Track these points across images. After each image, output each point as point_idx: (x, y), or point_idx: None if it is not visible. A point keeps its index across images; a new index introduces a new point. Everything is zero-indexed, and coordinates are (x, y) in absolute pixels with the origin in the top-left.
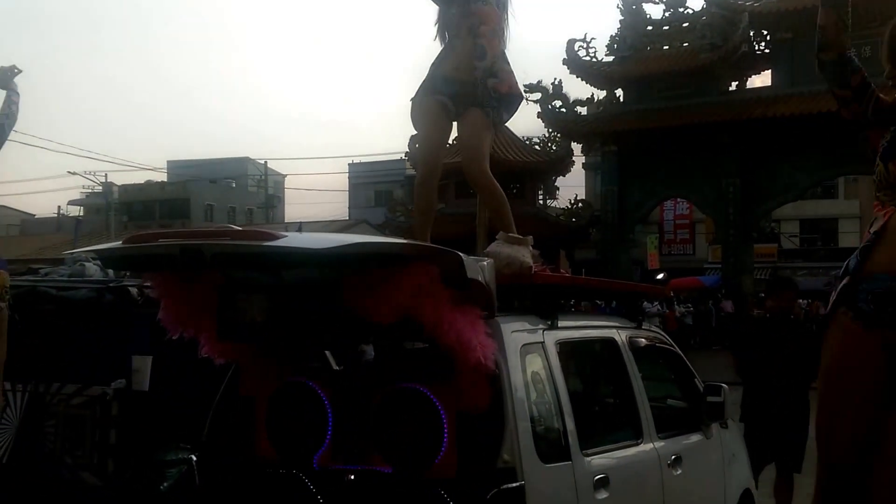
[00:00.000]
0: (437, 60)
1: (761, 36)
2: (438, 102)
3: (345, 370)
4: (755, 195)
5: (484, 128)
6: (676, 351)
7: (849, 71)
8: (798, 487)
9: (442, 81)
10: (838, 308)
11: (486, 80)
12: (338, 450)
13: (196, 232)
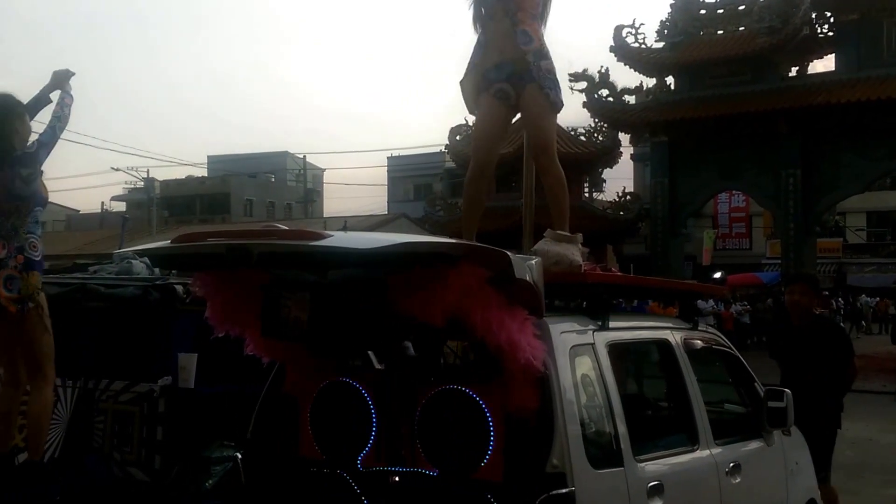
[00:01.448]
0: (478, 48)
1: (824, 18)
2: (497, 91)
3: (389, 370)
4: (817, 187)
5: (547, 107)
6: (734, 353)
7: None
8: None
9: (493, 70)
10: None
11: (539, 62)
12: (382, 450)
13: (243, 231)
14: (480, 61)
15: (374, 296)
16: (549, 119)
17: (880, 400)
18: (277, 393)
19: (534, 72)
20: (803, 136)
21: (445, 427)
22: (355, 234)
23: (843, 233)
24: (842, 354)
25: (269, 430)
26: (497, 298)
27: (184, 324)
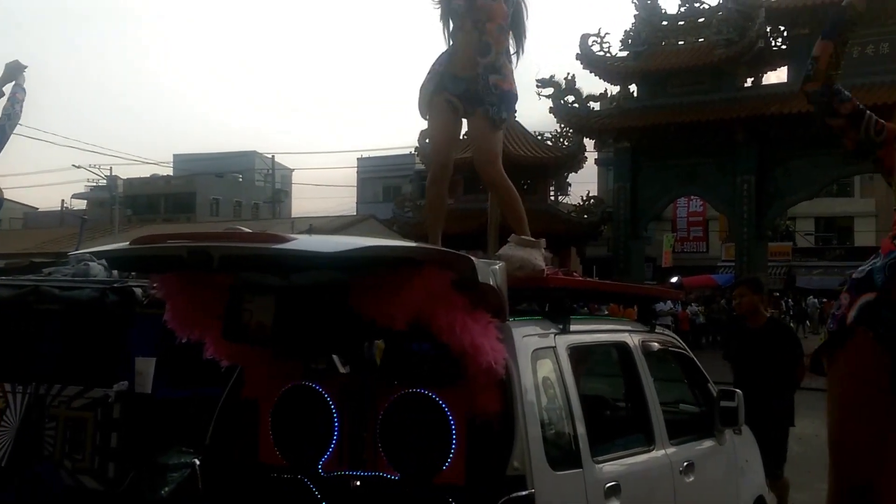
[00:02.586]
0: (446, 55)
1: (778, 31)
2: (446, 101)
3: (353, 374)
4: (770, 193)
5: (490, 129)
6: (689, 354)
7: (837, 101)
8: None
9: (451, 80)
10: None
11: (487, 76)
12: (344, 455)
13: (204, 234)
14: (444, 60)
15: (337, 299)
16: (492, 138)
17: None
18: (238, 397)
19: (481, 88)
20: (758, 144)
21: (408, 431)
22: (319, 237)
23: (792, 237)
24: (793, 356)
25: (229, 436)
26: (461, 302)
27: (142, 327)
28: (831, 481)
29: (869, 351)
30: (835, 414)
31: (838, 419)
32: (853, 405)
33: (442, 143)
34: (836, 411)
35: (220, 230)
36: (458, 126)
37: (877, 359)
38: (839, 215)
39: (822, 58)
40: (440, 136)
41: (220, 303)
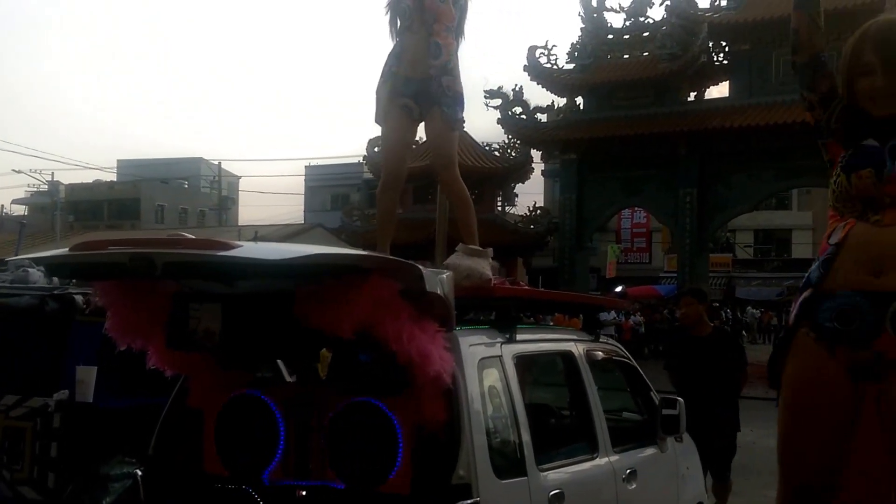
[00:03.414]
0: (393, 56)
1: (720, 47)
2: (402, 106)
3: (298, 383)
4: (711, 205)
5: (448, 129)
6: (632, 363)
7: (819, 75)
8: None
9: (403, 82)
10: (800, 324)
11: (440, 77)
12: (290, 464)
13: (147, 240)
14: (393, 62)
15: (284, 308)
16: (449, 139)
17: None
18: (181, 407)
19: (435, 90)
20: (700, 157)
21: (354, 440)
22: (265, 244)
23: (732, 249)
24: (738, 364)
25: (173, 446)
26: (408, 311)
27: (83, 335)
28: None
29: (813, 353)
30: (784, 420)
31: (787, 425)
32: (801, 410)
33: (396, 150)
34: (785, 417)
35: (164, 236)
36: (413, 132)
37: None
38: (777, 228)
39: (802, 28)
40: (395, 143)
41: (163, 311)
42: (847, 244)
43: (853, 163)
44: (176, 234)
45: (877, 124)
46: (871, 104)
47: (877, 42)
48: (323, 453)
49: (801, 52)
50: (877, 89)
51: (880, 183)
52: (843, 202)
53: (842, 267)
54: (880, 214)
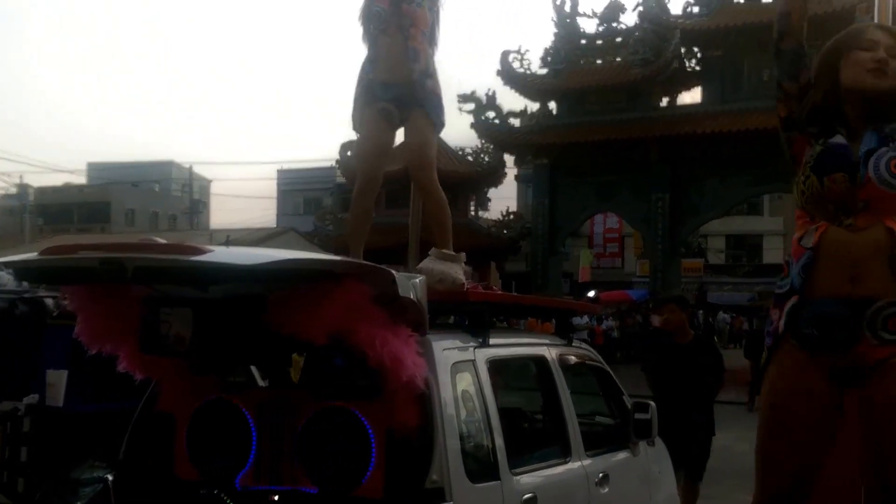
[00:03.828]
0: (368, 63)
1: (692, 53)
2: (381, 111)
3: (271, 387)
4: (683, 211)
5: (431, 131)
6: (605, 367)
7: (801, 65)
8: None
9: (380, 87)
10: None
11: (423, 81)
12: (262, 470)
13: (118, 244)
14: (371, 77)
15: (257, 313)
16: (431, 141)
17: (735, 410)
18: (153, 411)
19: (419, 93)
20: (672, 162)
21: (327, 445)
22: (237, 249)
23: (704, 254)
24: (715, 370)
25: (144, 450)
26: (381, 316)
27: (53, 339)
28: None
29: (796, 360)
30: (765, 425)
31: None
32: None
33: (373, 155)
34: (767, 422)
35: (135, 241)
36: (391, 137)
37: (802, 366)
38: (749, 233)
39: (794, 11)
40: (372, 148)
41: (133, 315)
42: (823, 250)
43: (824, 164)
44: (147, 238)
45: (843, 119)
46: (867, 75)
47: (884, 28)
48: (295, 458)
49: (787, 38)
50: (878, 60)
51: (854, 188)
52: (814, 204)
53: (819, 273)
54: (853, 218)
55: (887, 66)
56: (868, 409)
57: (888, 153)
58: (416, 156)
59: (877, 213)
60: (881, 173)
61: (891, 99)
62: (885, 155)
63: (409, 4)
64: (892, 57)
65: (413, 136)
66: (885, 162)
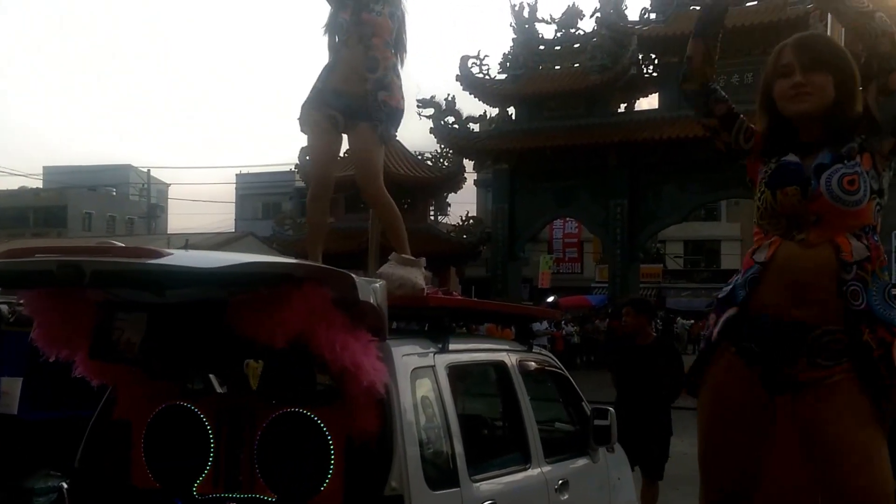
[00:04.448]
0: (326, 70)
1: (649, 59)
2: (327, 116)
3: (229, 393)
4: (642, 216)
5: (375, 144)
6: (564, 374)
7: (712, 101)
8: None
9: (332, 94)
10: (722, 341)
11: (376, 92)
12: (220, 477)
13: (75, 248)
14: (326, 74)
15: (215, 317)
16: (374, 155)
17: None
18: (109, 418)
19: (369, 105)
20: (630, 168)
21: (285, 451)
22: (196, 252)
23: (663, 259)
24: (674, 373)
25: (100, 458)
26: (341, 320)
27: (8, 346)
28: (702, 496)
29: (731, 365)
30: (703, 429)
31: (707, 434)
32: (720, 419)
33: (322, 159)
34: (705, 426)
35: (93, 244)
36: (338, 142)
37: (739, 372)
38: (706, 239)
39: (696, 57)
40: (320, 153)
41: (91, 320)
42: (773, 264)
43: (777, 179)
44: (105, 241)
45: (796, 140)
46: (789, 103)
47: (796, 46)
48: (253, 465)
49: (690, 80)
50: (794, 85)
51: (805, 201)
52: (769, 219)
53: (767, 289)
54: (805, 233)
55: (805, 88)
56: (799, 422)
57: (842, 170)
58: (360, 170)
59: (828, 229)
60: (833, 188)
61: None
62: (838, 171)
63: (368, 13)
64: (810, 71)
65: (356, 151)
66: (837, 178)
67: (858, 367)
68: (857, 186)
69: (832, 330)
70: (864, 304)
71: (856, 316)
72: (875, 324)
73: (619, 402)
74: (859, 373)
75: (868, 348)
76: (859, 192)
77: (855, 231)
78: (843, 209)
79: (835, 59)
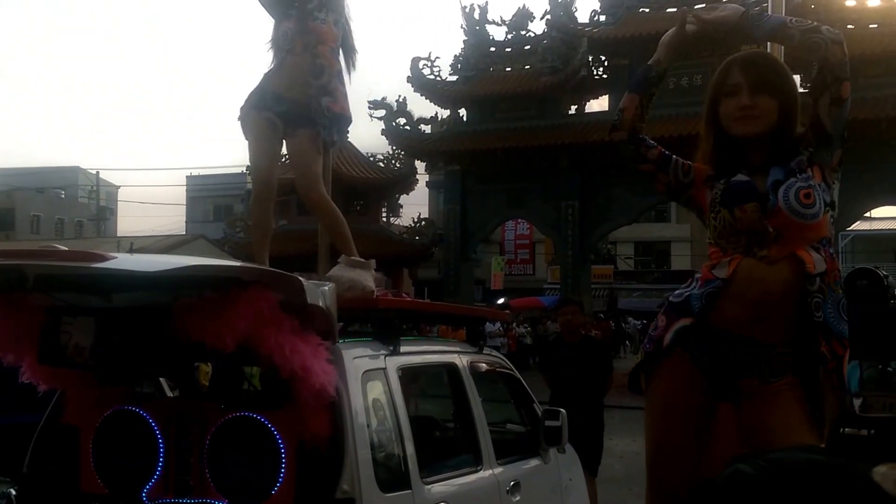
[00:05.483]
0: (269, 75)
1: (599, 61)
2: (266, 119)
3: (179, 397)
4: (593, 217)
5: (314, 151)
6: (515, 375)
7: (644, 146)
8: None
9: (272, 98)
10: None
11: (320, 97)
12: (170, 482)
13: (18, 251)
14: (268, 78)
15: (162, 321)
16: (314, 161)
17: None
18: (57, 423)
19: (312, 112)
20: (581, 170)
21: (236, 455)
22: (141, 256)
23: (614, 260)
24: (602, 368)
25: (48, 464)
26: (289, 324)
27: None
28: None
29: (685, 371)
30: (652, 430)
31: (655, 435)
32: (669, 422)
33: (263, 161)
34: (654, 428)
35: (36, 247)
36: (278, 144)
37: (692, 378)
38: (657, 240)
39: (629, 109)
40: (261, 155)
41: (38, 325)
42: (736, 281)
43: (732, 198)
44: (48, 245)
45: (742, 158)
46: (736, 124)
47: (743, 66)
48: (204, 469)
49: (620, 130)
50: (742, 107)
51: (765, 217)
52: (727, 237)
53: (730, 305)
54: (766, 249)
55: (753, 111)
56: (742, 430)
57: (797, 183)
58: (298, 178)
59: (789, 244)
60: (791, 202)
61: (776, 140)
62: (794, 185)
63: (313, 21)
64: (757, 94)
65: (294, 158)
66: (794, 192)
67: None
68: (812, 200)
69: (787, 351)
70: (822, 317)
71: (814, 328)
72: (830, 336)
73: (553, 400)
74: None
75: (823, 359)
76: (815, 205)
77: (813, 244)
78: (801, 223)
79: (780, 83)
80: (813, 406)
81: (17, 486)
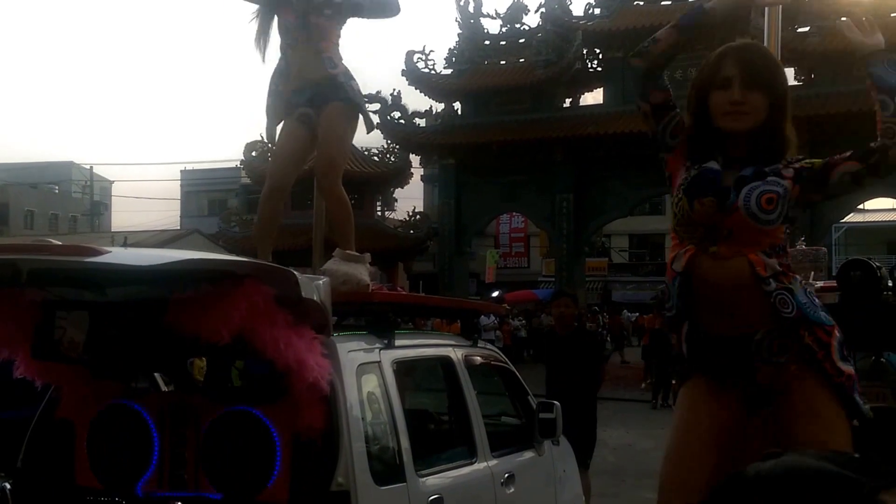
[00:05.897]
0: (277, 76)
1: (594, 54)
2: (298, 118)
3: (173, 392)
4: (587, 210)
5: (344, 122)
6: (510, 368)
7: (651, 86)
8: None
9: (295, 95)
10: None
11: (349, 82)
12: (164, 476)
13: (12, 246)
14: (283, 88)
15: (157, 315)
16: (347, 132)
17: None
18: (52, 418)
19: (347, 90)
20: (576, 163)
21: (230, 449)
22: (135, 250)
23: (608, 253)
24: (595, 361)
25: (43, 458)
26: (284, 318)
27: None
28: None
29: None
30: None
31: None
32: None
33: (287, 162)
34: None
35: (30, 242)
36: (309, 147)
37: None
38: (651, 233)
39: (663, 43)
40: (287, 155)
41: (32, 320)
42: (695, 280)
43: (695, 188)
44: (42, 240)
45: (721, 147)
46: (725, 119)
47: (738, 59)
48: (198, 463)
49: (643, 58)
50: (733, 103)
51: (721, 213)
52: (685, 226)
53: (699, 304)
54: (718, 246)
55: (743, 107)
56: (772, 425)
57: (762, 187)
58: (322, 160)
59: (739, 244)
60: (751, 205)
61: (759, 137)
62: (758, 188)
63: (317, 16)
64: (749, 89)
65: (323, 129)
66: (756, 195)
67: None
68: (774, 206)
69: (770, 330)
70: (795, 310)
71: (791, 323)
72: (811, 326)
73: (548, 393)
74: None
75: (810, 350)
76: (775, 212)
77: (765, 249)
78: (756, 226)
79: (773, 79)
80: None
81: (11, 481)
